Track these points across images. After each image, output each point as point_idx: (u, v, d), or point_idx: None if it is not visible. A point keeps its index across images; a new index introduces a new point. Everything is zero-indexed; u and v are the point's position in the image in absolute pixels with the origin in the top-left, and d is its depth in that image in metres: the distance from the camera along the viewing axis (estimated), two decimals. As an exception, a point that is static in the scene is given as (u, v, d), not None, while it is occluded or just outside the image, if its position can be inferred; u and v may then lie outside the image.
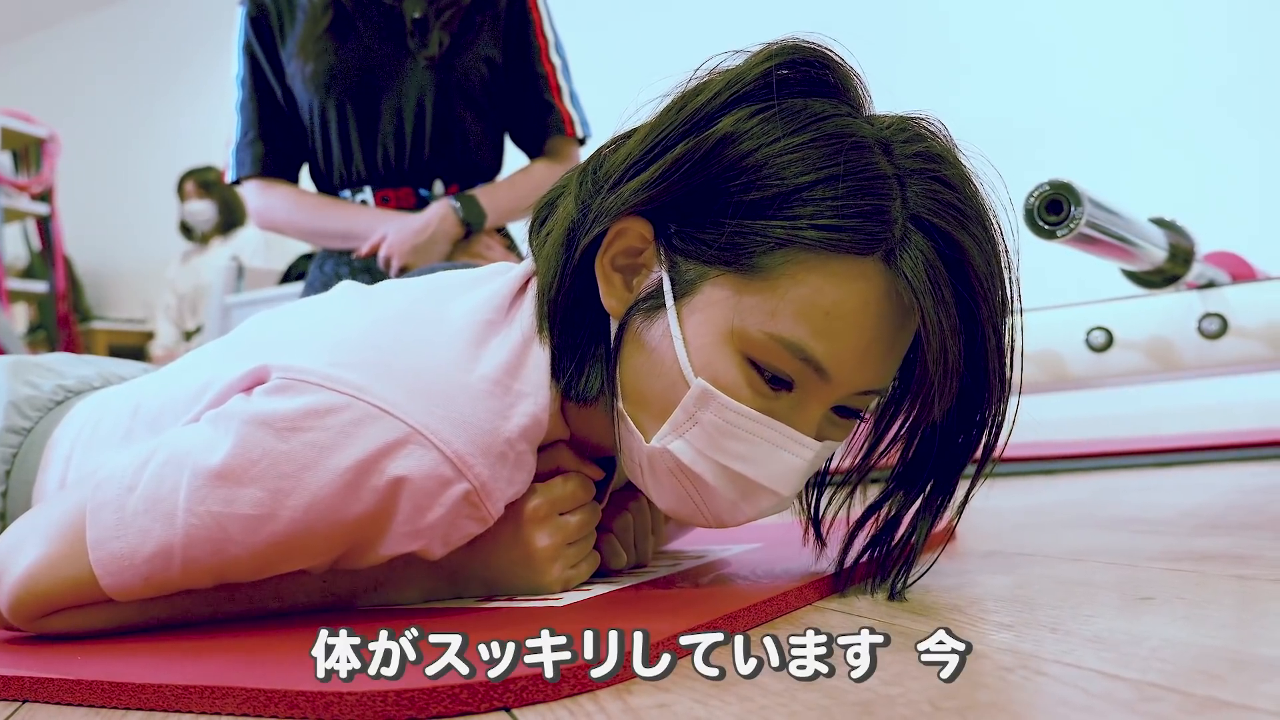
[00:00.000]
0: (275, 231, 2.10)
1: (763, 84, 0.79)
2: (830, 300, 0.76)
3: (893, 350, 0.80)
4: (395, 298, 0.89)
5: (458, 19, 1.95)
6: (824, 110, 0.79)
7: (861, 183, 0.75)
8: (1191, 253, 1.77)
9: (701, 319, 0.79)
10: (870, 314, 0.76)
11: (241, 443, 0.77)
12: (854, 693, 0.53)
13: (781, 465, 0.80)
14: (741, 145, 0.77)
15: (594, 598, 0.84)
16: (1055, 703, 0.49)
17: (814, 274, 0.75)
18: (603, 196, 0.83)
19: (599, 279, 0.84)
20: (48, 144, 4.48)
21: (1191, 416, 3.46)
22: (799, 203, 0.75)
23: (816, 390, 0.79)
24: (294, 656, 0.68)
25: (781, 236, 0.75)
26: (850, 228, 0.75)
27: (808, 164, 0.76)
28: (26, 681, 0.68)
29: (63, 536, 0.80)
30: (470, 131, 1.99)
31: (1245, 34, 3.84)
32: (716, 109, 0.79)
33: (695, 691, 0.56)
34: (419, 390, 0.78)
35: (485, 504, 0.80)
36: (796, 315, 0.76)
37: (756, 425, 0.79)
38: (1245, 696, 0.47)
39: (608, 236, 0.83)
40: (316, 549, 0.79)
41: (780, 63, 0.80)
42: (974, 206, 0.78)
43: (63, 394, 1.06)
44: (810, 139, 0.77)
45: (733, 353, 0.78)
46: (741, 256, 0.77)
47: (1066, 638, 0.62)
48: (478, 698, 0.55)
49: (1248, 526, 1.12)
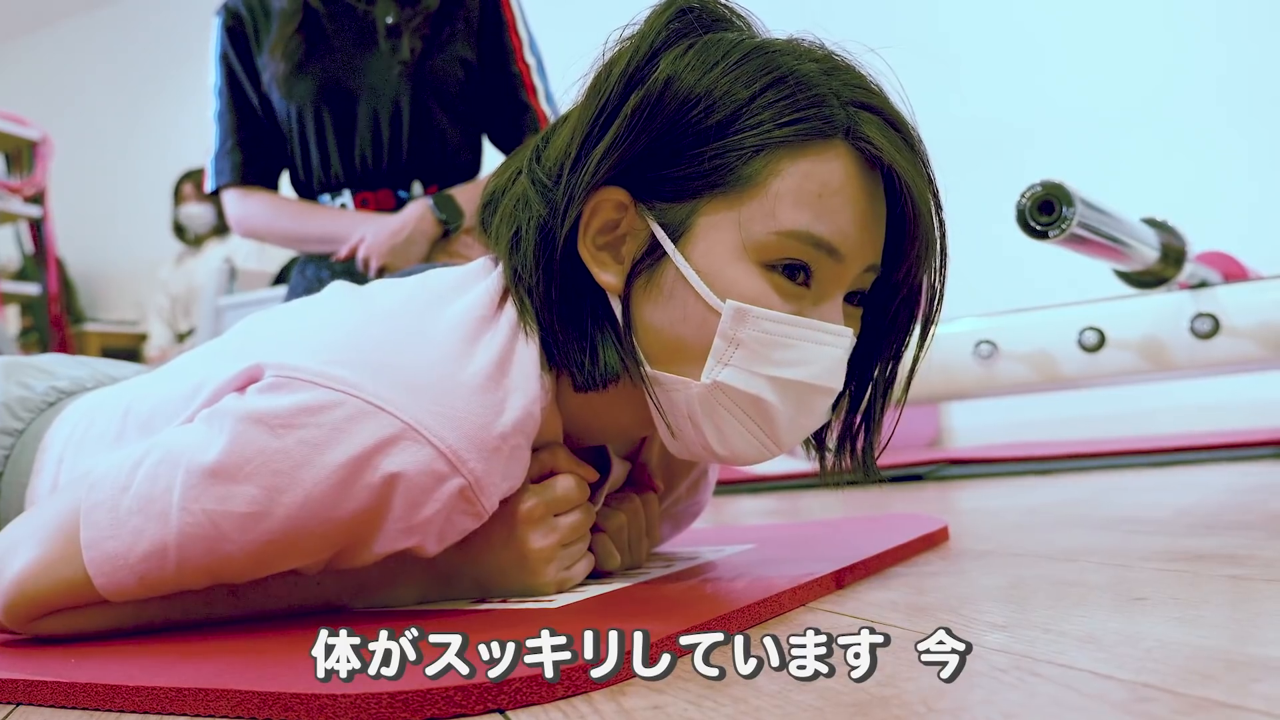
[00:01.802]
0: (255, 238, 2.10)
1: (678, 29, 0.84)
2: (818, 183, 0.80)
3: (879, 222, 0.84)
4: (388, 296, 0.90)
5: (428, 24, 1.95)
6: (739, 36, 0.85)
7: (801, 80, 0.81)
8: (1183, 253, 1.78)
9: (705, 248, 0.81)
10: (854, 186, 0.81)
11: (235, 440, 0.77)
12: (849, 694, 0.53)
13: (827, 359, 0.83)
14: (686, 79, 0.81)
15: (588, 599, 0.84)
16: (1049, 703, 0.49)
17: (796, 165, 0.80)
18: (565, 181, 0.84)
19: (587, 262, 0.84)
20: (40, 147, 4.46)
21: (1184, 416, 3.47)
22: (759, 110, 0.80)
23: (832, 275, 0.82)
24: (288, 659, 0.68)
25: (755, 143, 0.80)
26: (808, 116, 0.80)
27: (751, 77, 0.81)
28: (20, 684, 0.68)
29: (56, 538, 0.80)
30: (447, 134, 2.00)
31: (1236, 34, 3.85)
32: (644, 60, 0.83)
33: (689, 693, 0.56)
34: (412, 386, 0.78)
35: (480, 499, 0.80)
36: (794, 205, 0.80)
37: (794, 328, 0.81)
38: (1239, 697, 0.48)
39: (584, 218, 0.84)
40: (311, 547, 0.79)
41: (682, 8, 0.85)
42: (881, 93, 0.85)
43: (55, 395, 1.06)
44: (742, 56, 0.82)
45: (749, 265, 0.81)
46: (725, 175, 0.80)
47: (1060, 638, 0.62)
48: (472, 700, 0.55)
49: (1240, 526, 1.13)
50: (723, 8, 0.87)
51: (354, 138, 1.96)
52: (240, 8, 2.00)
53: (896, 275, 0.86)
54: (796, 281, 0.81)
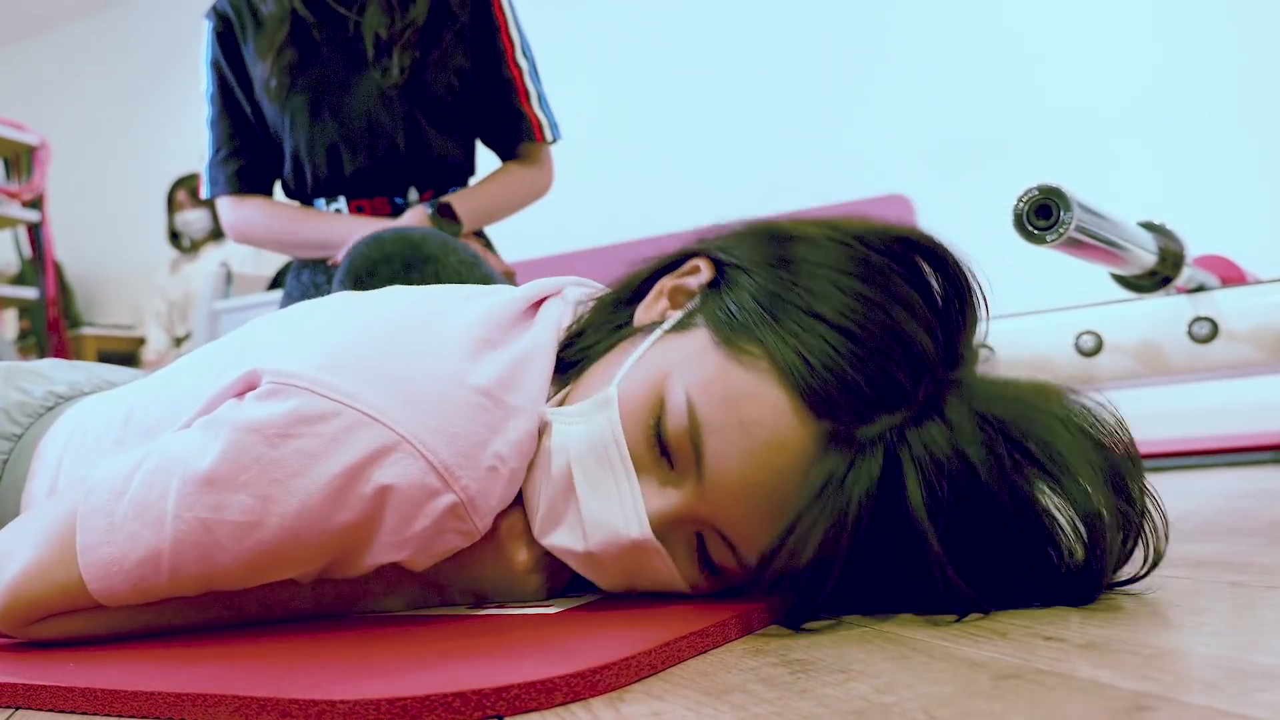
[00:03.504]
0: (252, 245, 2.10)
1: (872, 242, 0.79)
2: (753, 417, 0.74)
3: (774, 515, 0.73)
4: (390, 305, 0.89)
5: (418, 37, 1.94)
6: (903, 291, 0.76)
7: (874, 364, 0.73)
8: (1181, 256, 1.78)
9: (660, 352, 0.81)
10: (776, 459, 0.74)
11: (231, 449, 0.76)
12: (847, 701, 0.53)
13: (608, 517, 0.79)
14: (806, 251, 0.79)
15: (586, 604, 0.84)
16: (1050, 711, 0.49)
17: (761, 388, 0.75)
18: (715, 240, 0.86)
19: (652, 291, 0.88)
20: (38, 151, 4.46)
21: (1182, 420, 3.47)
22: (804, 326, 0.75)
23: (689, 494, 0.77)
24: (286, 664, 0.68)
25: (767, 341, 0.76)
26: (824, 386, 0.73)
27: (842, 304, 0.75)
28: (19, 689, 0.68)
29: (52, 542, 0.80)
30: (441, 145, 2.00)
31: (1227, 38, 3.86)
32: (822, 229, 0.81)
33: (688, 699, 0.56)
34: (409, 399, 0.77)
35: (472, 517, 0.79)
36: (720, 402, 0.75)
37: (619, 468, 0.79)
38: (1242, 706, 0.47)
39: (688, 264, 0.87)
40: (304, 557, 0.79)
41: (897, 237, 0.79)
42: (948, 505, 0.70)
43: (53, 400, 1.06)
44: (868, 293, 0.75)
45: (653, 396, 0.79)
46: (732, 332, 0.78)
47: (1060, 645, 0.62)
48: (470, 706, 0.55)
49: (1238, 532, 1.12)
50: (935, 277, 0.79)
51: (348, 152, 1.95)
52: (229, 11, 1.99)
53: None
54: (661, 450, 0.79)
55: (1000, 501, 0.71)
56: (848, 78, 4.31)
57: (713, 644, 0.69)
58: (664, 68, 4.75)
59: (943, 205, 4.09)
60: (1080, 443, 0.72)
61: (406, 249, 1.58)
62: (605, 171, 4.60)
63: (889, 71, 4.22)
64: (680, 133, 4.71)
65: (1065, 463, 0.71)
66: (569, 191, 2.51)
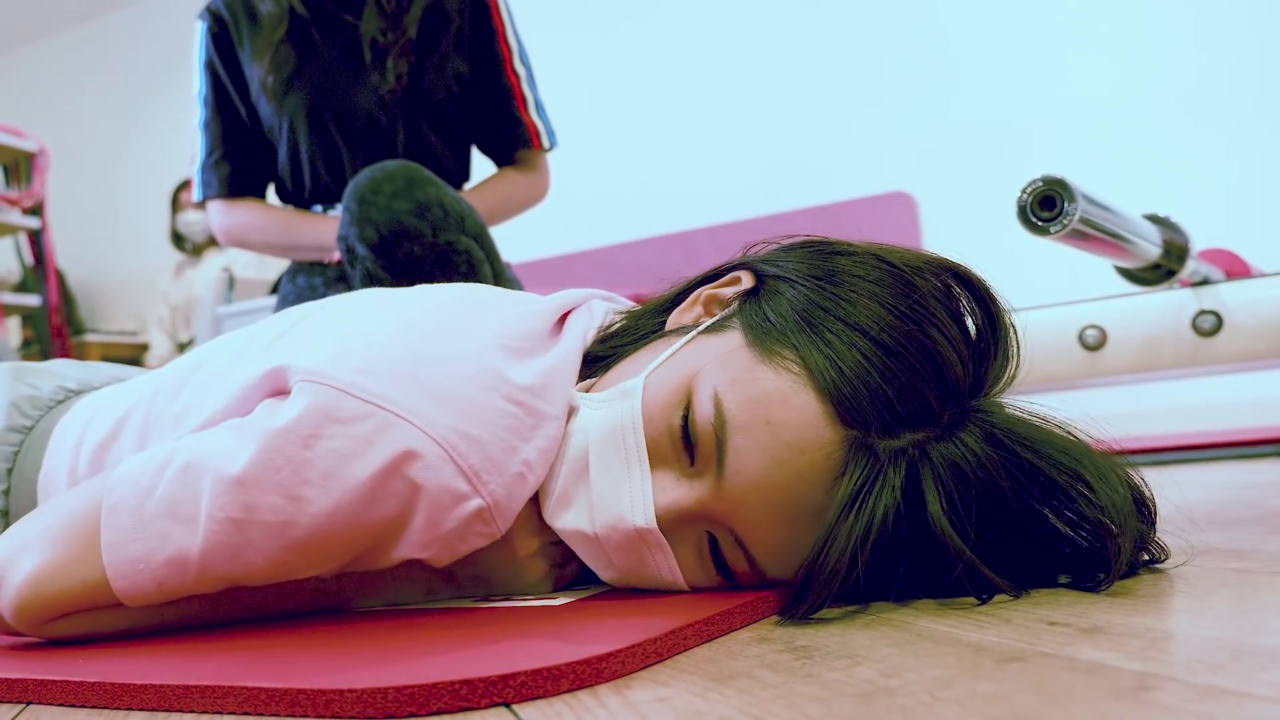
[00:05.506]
0: (244, 248, 2.08)
1: (918, 266, 0.80)
2: (780, 419, 0.75)
3: (788, 517, 0.75)
4: (423, 305, 0.89)
5: (410, 46, 1.94)
6: (942, 317, 0.77)
7: (904, 380, 0.74)
8: (1186, 249, 1.77)
9: (692, 351, 0.82)
10: (797, 461, 0.74)
11: (263, 450, 0.76)
12: (853, 685, 0.53)
13: (616, 501, 0.80)
14: (850, 265, 0.80)
15: (592, 595, 0.84)
16: (1054, 692, 0.49)
17: (790, 390, 0.75)
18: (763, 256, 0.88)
19: (690, 298, 0.89)
20: (38, 158, 4.46)
21: (1187, 414, 3.47)
22: (840, 336, 0.75)
23: (705, 490, 0.78)
24: (295, 654, 0.68)
25: (801, 346, 0.76)
26: (854, 394, 0.74)
27: (880, 319, 0.76)
28: (31, 684, 0.68)
29: (72, 539, 0.79)
30: (438, 149, 1.99)
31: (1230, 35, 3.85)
32: (869, 248, 0.82)
33: (694, 685, 0.56)
34: (442, 402, 0.78)
35: (496, 520, 0.79)
36: (748, 400, 0.76)
37: (634, 455, 0.80)
38: (1245, 684, 0.48)
39: (729, 276, 0.88)
40: (331, 556, 0.79)
41: (942, 266, 0.81)
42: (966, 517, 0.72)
43: (63, 394, 1.06)
44: (906, 311, 0.76)
45: (682, 390, 0.79)
46: (766, 335, 0.79)
47: (1064, 630, 0.62)
48: (478, 694, 0.55)
49: (1242, 522, 1.13)
50: (974, 305, 0.81)
51: (346, 155, 1.95)
52: (223, 11, 1.98)
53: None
54: (685, 442, 0.80)
55: (1016, 511, 0.73)
56: (852, 75, 4.31)
57: (718, 631, 0.70)
58: (667, 66, 4.75)
59: (947, 203, 4.10)
60: (1094, 457, 0.75)
61: (409, 171, 1.60)
62: (607, 170, 4.60)
63: (893, 69, 4.23)
64: (684, 130, 4.71)
65: (1079, 472, 0.74)
66: (569, 191, 2.51)
